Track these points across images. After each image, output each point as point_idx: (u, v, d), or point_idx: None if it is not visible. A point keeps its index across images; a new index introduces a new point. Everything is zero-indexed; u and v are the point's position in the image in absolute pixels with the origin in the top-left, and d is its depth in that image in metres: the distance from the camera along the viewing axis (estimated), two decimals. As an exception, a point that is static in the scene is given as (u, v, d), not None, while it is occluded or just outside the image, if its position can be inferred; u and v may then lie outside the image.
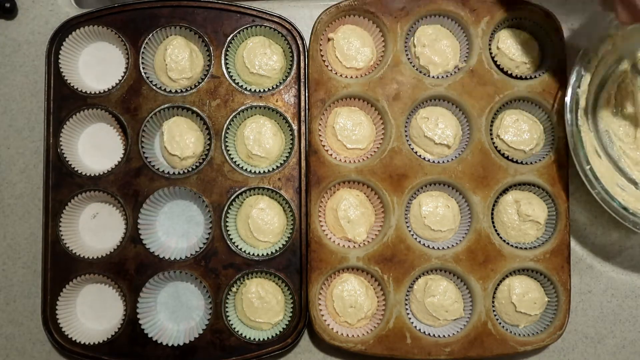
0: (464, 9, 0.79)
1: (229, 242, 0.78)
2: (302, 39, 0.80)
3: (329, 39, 0.81)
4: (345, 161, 0.79)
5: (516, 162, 0.79)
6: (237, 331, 0.78)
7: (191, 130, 0.80)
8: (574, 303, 0.81)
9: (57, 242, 0.79)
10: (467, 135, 0.80)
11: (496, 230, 0.79)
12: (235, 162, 0.79)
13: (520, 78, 0.80)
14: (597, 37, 0.75)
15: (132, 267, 0.79)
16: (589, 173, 0.73)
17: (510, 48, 0.80)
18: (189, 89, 0.80)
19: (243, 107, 0.80)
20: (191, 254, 0.78)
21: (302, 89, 0.79)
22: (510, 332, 0.78)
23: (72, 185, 0.79)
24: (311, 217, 0.77)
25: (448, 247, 0.79)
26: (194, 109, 0.80)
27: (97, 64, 0.83)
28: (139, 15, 0.81)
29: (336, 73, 0.80)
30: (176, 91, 0.80)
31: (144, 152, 0.79)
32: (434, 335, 0.78)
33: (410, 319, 0.78)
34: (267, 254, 0.78)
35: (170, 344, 0.77)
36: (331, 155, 0.79)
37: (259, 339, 0.77)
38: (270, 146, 0.80)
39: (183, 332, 0.80)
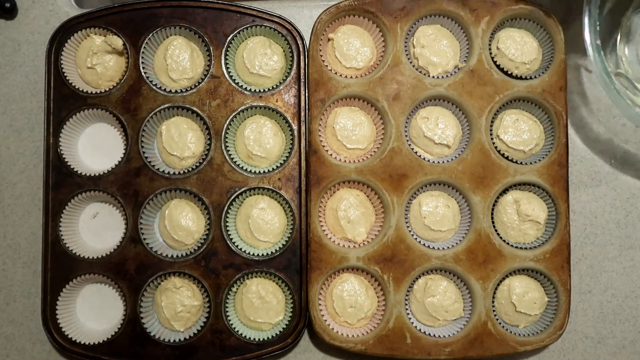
0: (464, 9, 0.79)
1: (229, 242, 0.78)
2: (302, 39, 0.80)
3: (329, 39, 0.81)
4: (345, 161, 0.79)
5: (516, 162, 0.79)
6: (237, 331, 0.78)
7: (191, 130, 0.80)
8: (574, 303, 0.81)
9: (57, 242, 0.79)
10: (467, 135, 0.80)
11: (496, 230, 0.79)
12: (235, 162, 0.79)
13: (520, 78, 0.80)
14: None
15: (132, 267, 0.79)
16: None
17: (510, 48, 0.80)
18: (189, 89, 0.80)
19: (243, 107, 0.80)
20: (191, 253, 0.78)
21: (302, 89, 0.79)
22: (510, 332, 0.78)
23: (72, 185, 0.79)
24: (311, 217, 0.77)
25: (448, 247, 0.79)
26: (194, 109, 0.80)
27: (97, 64, 0.84)
28: (139, 15, 0.81)
29: (336, 73, 0.80)
30: (176, 91, 0.80)
31: (144, 152, 0.79)
32: (434, 335, 0.78)
33: (410, 319, 0.78)
34: (267, 254, 0.78)
35: (171, 340, 0.78)
36: (331, 155, 0.79)
37: (259, 339, 0.77)
38: (270, 146, 0.80)
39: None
